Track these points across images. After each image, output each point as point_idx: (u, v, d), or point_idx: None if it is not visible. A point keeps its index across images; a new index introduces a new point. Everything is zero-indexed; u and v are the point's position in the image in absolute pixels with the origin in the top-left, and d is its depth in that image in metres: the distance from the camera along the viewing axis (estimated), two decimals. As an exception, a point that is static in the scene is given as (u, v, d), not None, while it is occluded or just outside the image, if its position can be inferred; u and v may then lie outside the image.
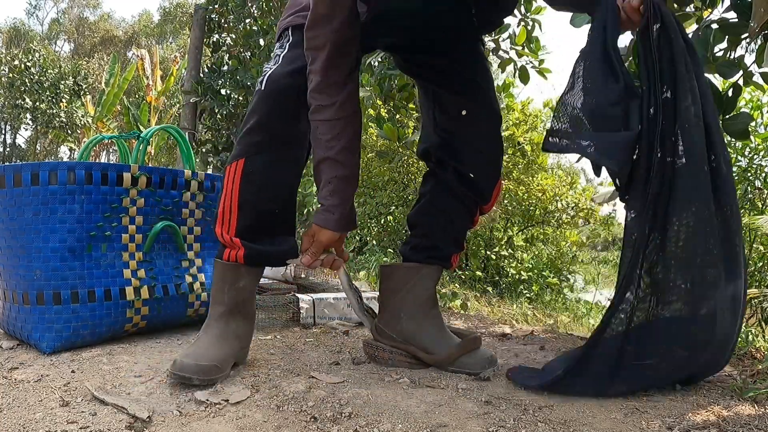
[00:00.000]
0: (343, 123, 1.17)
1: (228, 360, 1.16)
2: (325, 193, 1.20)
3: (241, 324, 1.24)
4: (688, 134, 1.00)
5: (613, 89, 1.03)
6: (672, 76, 1.02)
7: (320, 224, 1.21)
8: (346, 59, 1.17)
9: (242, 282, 1.23)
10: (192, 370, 1.07)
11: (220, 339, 1.18)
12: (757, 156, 3.31)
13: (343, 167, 1.18)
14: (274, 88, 1.19)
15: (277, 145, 1.20)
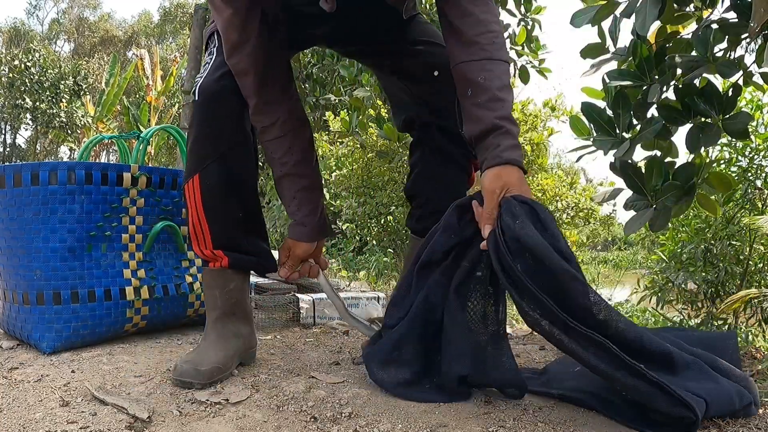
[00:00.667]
0: (290, 138, 1.19)
1: (230, 359, 1.16)
2: (293, 208, 1.23)
3: (239, 323, 1.24)
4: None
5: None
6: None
7: (294, 238, 1.25)
8: (275, 76, 1.18)
9: (232, 284, 1.24)
10: (192, 375, 1.08)
11: (218, 341, 1.19)
12: (757, 156, 3.31)
13: (302, 179, 1.21)
14: (207, 97, 1.19)
15: (224, 150, 1.19)
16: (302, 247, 1.25)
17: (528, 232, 0.96)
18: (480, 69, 1.07)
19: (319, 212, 1.25)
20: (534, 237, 0.96)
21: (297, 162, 1.20)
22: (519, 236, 0.96)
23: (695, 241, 3.51)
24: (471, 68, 1.08)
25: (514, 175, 1.03)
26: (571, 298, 0.94)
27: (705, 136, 1.41)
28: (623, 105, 1.48)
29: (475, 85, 1.07)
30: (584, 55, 1.62)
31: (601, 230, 8.08)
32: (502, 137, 1.04)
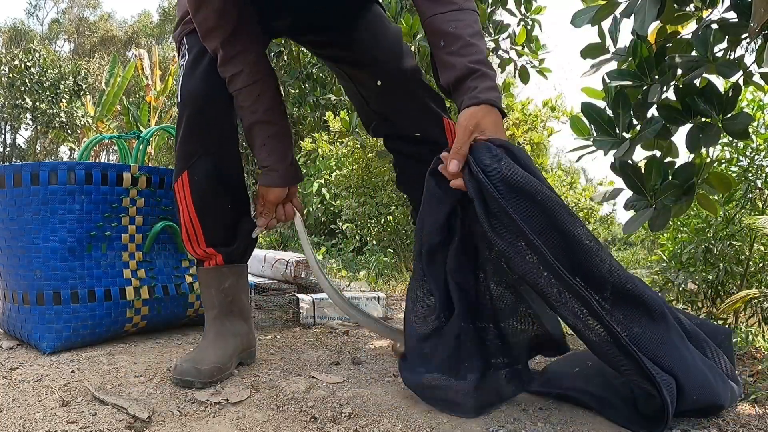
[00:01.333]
0: (259, 85, 1.20)
1: (229, 359, 1.17)
2: (263, 155, 1.23)
3: (236, 322, 1.25)
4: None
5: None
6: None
7: (266, 184, 1.24)
8: (242, 29, 1.19)
9: (227, 282, 1.25)
10: (192, 374, 1.08)
11: (217, 340, 1.19)
12: (758, 156, 3.31)
13: (272, 126, 1.22)
14: (188, 96, 1.21)
15: (210, 146, 1.21)
16: (274, 193, 1.25)
17: (515, 170, 0.93)
18: (450, 19, 1.08)
19: (289, 158, 1.25)
20: (522, 175, 0.93)
21: (266, 110, 1.21)
22: (507, 177, 0.93)
23: (695, 241, 3.51)
24: (440, 20, 1.08)
25: (491, 116, 1.00)
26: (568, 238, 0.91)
27: (705, 136, 1.41)
28: (623, 105, 1.48)
29: (447, 35, 1.07)
30: (584, 56, 1.62)
31: (600, 230, 8.08)
32: (479, 80, 1.03)
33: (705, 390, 0.95)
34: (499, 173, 0.93)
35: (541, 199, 0.92)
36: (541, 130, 5.93)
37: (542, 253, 0.90)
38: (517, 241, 0.92)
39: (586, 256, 0.91)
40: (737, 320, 3.20)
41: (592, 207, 6.62)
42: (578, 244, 0.92)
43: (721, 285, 3.51)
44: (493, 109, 1.01)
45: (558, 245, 0.91)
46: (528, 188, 0.92)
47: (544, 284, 0.92)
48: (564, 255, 0.91)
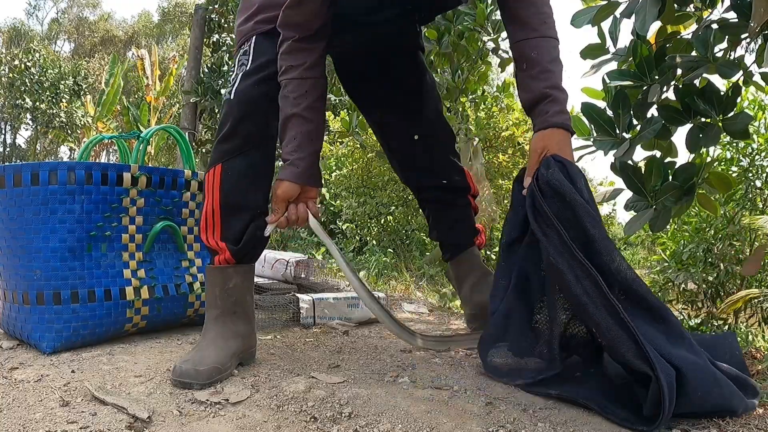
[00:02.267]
0: (311, 82, 1.24)
1: (229, 359, 1.17)
2: (290, 148, 1.24)
3: (239, 323, 1.25)
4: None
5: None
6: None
7: (282, 177, 1.24)
8: (322, 32, 1.26)
9: (232, 282, 1.26)
10: (191, 375, 1.09)
11: (217, 340, 1.20)
12: (759, 156, 3.31)
13: (309, 123, 1.24)
14: (242, 98, 1.27)
15: (249, 148, 1.27)
16: (284, 187, 1.23)
17: (557, 177, 1.12)
18: (533, 46, 1.22)
19: (313, 160, 1.26)
20: (562, 181, 1.11)
21: (309, 106, 1.24)
22: (549, 181, 1.12)
23: (695, 241, 3.51)
24: (525, 45, 1.23)
25: (556, 137, 1.17)
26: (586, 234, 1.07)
27: (705, 136, 1.41)
28: (623, 105, 1.48)
29: (529, 60, 1.22)
30: (584, 56, 1.62)
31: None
32: (550, 104, 1.19)
33: (714, 391, 0.96)
34: (545, 178, 1.14)
35: (569, 200, 1.10)
36: (541, 130, 5.91)
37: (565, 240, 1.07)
38: (550, 230, 1.10)
39: (598, 253, 1.06)
40: (737, 320, 3.19)
41: (592, 207, 6.61)
42: (593, 241, 1.07)
43: (721, 285, 3.51)
44: (560, 130, 1.18)
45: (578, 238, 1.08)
46: (562, 192, 1.11)
47: (565, 266, 1.06)
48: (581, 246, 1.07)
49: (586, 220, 1.08)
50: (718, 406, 0.97)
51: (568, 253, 1.07)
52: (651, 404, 0.93)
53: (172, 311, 1.54)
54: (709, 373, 0.97)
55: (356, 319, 1.84)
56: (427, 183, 1.55)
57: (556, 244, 1.09)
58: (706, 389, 0.95)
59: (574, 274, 1.05)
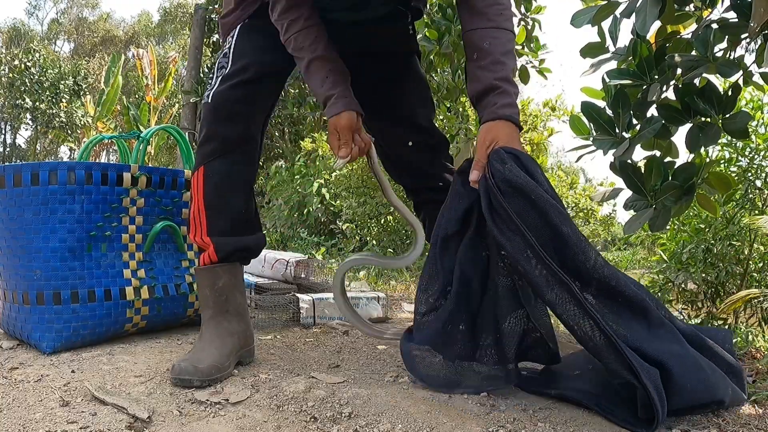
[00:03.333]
0: (316, 28, 1.24)
1: (227, 358, 1.17)
2: (327, 86, 1.24)
3: (233, 321, 1.26)
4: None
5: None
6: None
7: (337, 112, 1.22)
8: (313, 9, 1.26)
9: (221, 281, 1.26)
10: (190, 372, 1.09)
11: (214, 340, 1.20)
12: (757, 156, 3.31)
13: (332, 61, 1.25)
14: (220, 101, 1.26)
15: (230, 148, 1.27)
16: (346, 118, 1.22)
17: (516, 173, 1.04)
18: (486, 36, 1.18)
19: (351, 91, 1.26)
20: (522, 177, 1.04)
21: (326, 47, 1.24)
22: (508, 178, 1.04)
23: (695, 241, 3.50)
24: (478, 35, 1.19)
25: (505, 129, 1.12)
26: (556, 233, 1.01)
27: (705, 136, 1.41)
28: (623, 105, 1.48)
29: (480, 50, 1.17)
30: (584, 55, 1.62)
31: (600, 230, 8.07)
32: (500, 96, 1.13)
33: (702, 383, 0.95)
34: (502, 174, 1.05)
35: (535, 198, 1.02)
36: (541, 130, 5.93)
37: (533, 245, 0.99)
38: (514, 234, 1.02)
39: (572, 253, 1.01)
40: (737, 320, 3.19)
41: (592, 207, 6.62)
42: (566, 241, 1.01)
43: (721, 285, 3.51)
44: (508, 123, 1.13)
45: (548, 240, 1.01)
46: (525, 189, 1.03)
47: (534, 274, 1.00)
48: (553, 250, 1.01)
49: (555, 218, 1.01)
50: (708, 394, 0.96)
51: (536, 259, 0.99)
52: (643, 407, 0.93)
53: (172, 311, 1.54)
54: (691, 361, 0.97)
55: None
56: (422, 185, 1.54)
57: (522, 249, 1.01)
58: (692, 380, 0.95)
59: (545, 280, 0.99)
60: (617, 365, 0.94)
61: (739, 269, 3.44)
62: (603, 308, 0.99)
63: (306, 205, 5.88)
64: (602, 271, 1.00)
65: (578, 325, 0.97)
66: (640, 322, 0.99)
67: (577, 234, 1.02)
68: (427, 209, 1.57)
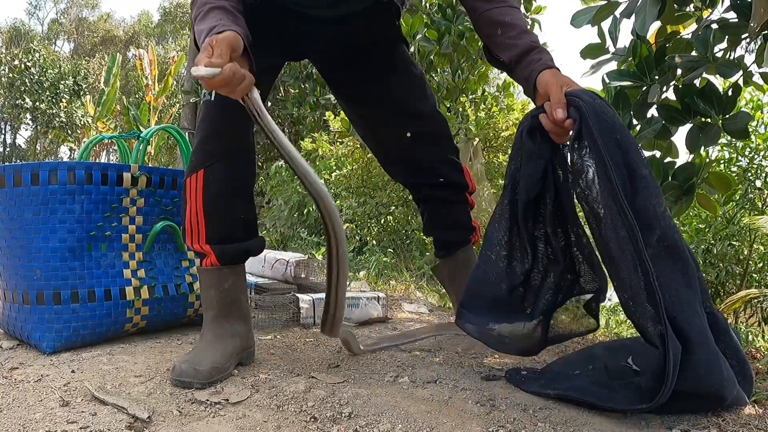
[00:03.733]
0: None
1: (228, 359, 1.17)
2: (215, 22, 1.04)
3: (236, 323, 1.25)
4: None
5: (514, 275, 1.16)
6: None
7: (219, 31, 1.01)
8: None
9: (227, 284, 1.25)
10: (191, 374, 1.09)
11: (215, 341, 1.20)
12: (757, 156, 3.31)
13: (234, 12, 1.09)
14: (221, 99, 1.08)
15: (232, 152, 1.23)
16: (229, 35, 0.99)
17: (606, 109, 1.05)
18: (505, 12, 1.19)
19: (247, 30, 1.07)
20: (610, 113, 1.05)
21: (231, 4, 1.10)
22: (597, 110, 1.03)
23: (695, 241, 3.51)
24: (497, 12, 1.19)
25: (566, 77, 1.10)
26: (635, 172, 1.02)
27: (705, 136, 1.41)
28: (623, 105, 1.48)
29: (503, 24, 1.17)
30: (584, 56, 1.62)
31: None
32: (542, 53, 1.13)
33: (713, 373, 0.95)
34: (592, 106, 1.04)
35: (619, 137, 1.03)
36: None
37: (612, 180, 0.99)
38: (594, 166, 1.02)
39: (646, 195, 1.01)
40: (737, 320, 3.19)
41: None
42: (643, 182, 1.01)
43: (721, 285, 3.51)
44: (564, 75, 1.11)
45: (626, 180, 1.01)
46: (611, 125, 1.03)
47: (605, 212, 1.00)
48: (630, 190, 1.01)
49: (636, 158, 1.02)
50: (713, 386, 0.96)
51: (612, 197, 0.99)
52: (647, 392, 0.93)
53: (172, 311, 1.54)
54: (714, 352, 0.96)
55: (356, 319, 1.84)
56: (423, 181, 1.51)
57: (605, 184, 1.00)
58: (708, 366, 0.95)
59: (611, 220, 0.99)
60: (648, 321, 0.95)
61: (739, 269, 3.44)
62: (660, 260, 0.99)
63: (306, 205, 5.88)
64: (668, 221, 1.01)
65: (628, 268, 0.98)
66: (690, 288, 0.99)
67: (653, 178, 1.03)
68: (427, 206, 1.56)
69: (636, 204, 0.99)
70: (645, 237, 0.97)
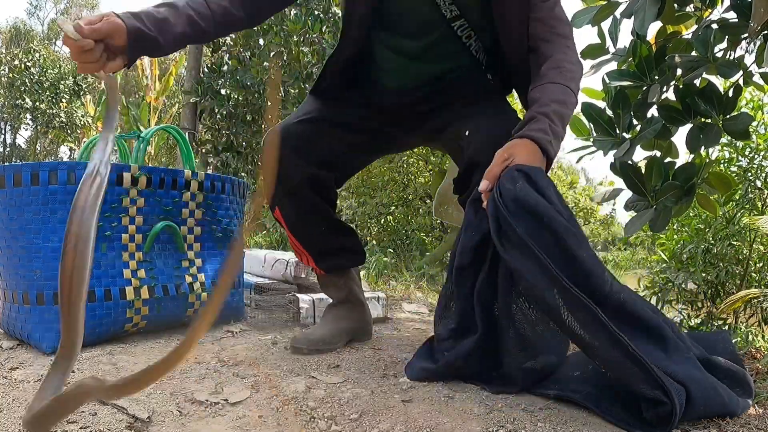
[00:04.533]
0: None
1: (335, 337, 1.42)
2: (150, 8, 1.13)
3: (352, 308, 1.51)
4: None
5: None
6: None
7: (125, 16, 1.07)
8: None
9: (341, 281, 1.51)
10: (303, 342, 1.37)
11: (328, 322, 1.47)
12: (757, 156, 3.31)
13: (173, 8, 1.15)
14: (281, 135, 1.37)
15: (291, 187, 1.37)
16: (113, 22, 1.03)
17: (526, 192, 0.99)
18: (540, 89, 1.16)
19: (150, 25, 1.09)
20: (533, 197, 0.98)
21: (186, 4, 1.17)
22: (518, 197, 0.99)
23: (695, 241, 3.51)
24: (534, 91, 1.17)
25: (527, 148, 1.06)
26: (571, 256, 0.95)
27: (705, 137, 1.41)
28: (623, 105, 1.48)
29: (533, 100, 1.15)
30: (584, 56, 1.62)
31: (600, 230, 8.08)
32: (534, 123, 1.09)
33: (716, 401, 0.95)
34: (512, 193, 1.00)
35: (547, 221, 0.97)
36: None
37: (548, 267, 0.94)
38: (527, 259, 0.96)
39: (589, 277, 0.95)
40: (737, 320, 3.20)
41: (592, 207, 6.62)
42: (581, 265, 0.95)
43: (721, 285, 3.52)
44: (532, 143, 1.06)
45: (564, 264, 0.95)
46: (537, 210, 0.98)
47: (550, 299, 0.95)
48: (568, 272, 0.95)
49: (569, 240, 0.95)
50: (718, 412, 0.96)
51: (553, 284, 0.93)
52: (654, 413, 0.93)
53: (172, 311, 1.54)
54: (709, 385, 0.96)
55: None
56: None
57: (537, 273, 0.95)
58: (708, 401, 0.94)
59: (564, 304, 0.94)
60: (646, 385, 0.90)
61: (739, 269, 3.44)
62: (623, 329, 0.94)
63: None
64: (619, 295, 0.96)
65: (603, 350, 0.93)
66: (657, 346, 0.96)
67: (593, 257, 0.97)
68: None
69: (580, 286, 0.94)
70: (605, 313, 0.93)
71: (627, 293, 0.97)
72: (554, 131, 1.09)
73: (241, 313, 1.78)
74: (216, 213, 1.66)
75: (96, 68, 1.03)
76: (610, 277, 0.98)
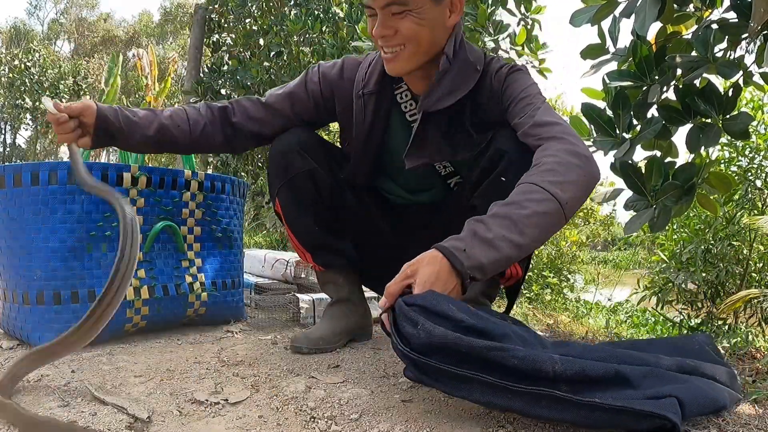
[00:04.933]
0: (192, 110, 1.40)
1: (335, 336, 1.42)
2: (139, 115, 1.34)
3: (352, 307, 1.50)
4: None
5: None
6: None
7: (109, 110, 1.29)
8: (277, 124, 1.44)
9: (340, 279, 1.50)
10: (302, 341, 1.37)
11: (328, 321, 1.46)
12: (758, 156, 3.31)
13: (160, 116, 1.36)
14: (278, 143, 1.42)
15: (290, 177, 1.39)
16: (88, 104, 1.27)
17: (434, 330, 0.90)
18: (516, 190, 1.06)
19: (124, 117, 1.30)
20: (443, 333, 0.90)
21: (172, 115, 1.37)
22: (426, 342, 0.90)
23: (695, 241, 3.51)
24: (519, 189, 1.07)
25: (431, 264, 0.98)
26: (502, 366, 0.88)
27: (705, 137, 1.41)
28: (623, 105, 1.48)
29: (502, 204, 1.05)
30: (584, 56, 1.62)
31: (600, 230, 8.08)
32: (462, 232, 1.02)
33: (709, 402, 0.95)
34: (420, 339, 0.91)
35: (466, 350, 0.89)
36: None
37: (489, 384, 0.88)
38: (460, 382, 0.90)
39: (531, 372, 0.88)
40: (737, 320, 3.20)
41: (592, 207, 6.61)
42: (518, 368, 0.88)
43: (721, 285, 3.51)
44: (442, 259, 0.98)
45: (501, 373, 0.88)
46: (450, 343, 0.90)
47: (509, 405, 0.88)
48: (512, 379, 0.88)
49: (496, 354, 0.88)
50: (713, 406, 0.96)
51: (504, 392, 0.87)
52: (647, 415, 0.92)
53: (172, 311, 1.54)
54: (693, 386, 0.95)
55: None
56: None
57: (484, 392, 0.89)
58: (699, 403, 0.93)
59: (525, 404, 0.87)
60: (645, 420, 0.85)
61: (739, 269, 3.44)
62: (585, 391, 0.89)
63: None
64: (567, 373, 0.88)
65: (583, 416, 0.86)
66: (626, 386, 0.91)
67: (527, 355, 0.88)
68: None
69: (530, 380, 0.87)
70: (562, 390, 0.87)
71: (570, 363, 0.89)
72: (480, 237, 1.00)
73: (241, 313, 1.78)
74: (216, 213, 1.66)
75: (69, 139, 1.26)
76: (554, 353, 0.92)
